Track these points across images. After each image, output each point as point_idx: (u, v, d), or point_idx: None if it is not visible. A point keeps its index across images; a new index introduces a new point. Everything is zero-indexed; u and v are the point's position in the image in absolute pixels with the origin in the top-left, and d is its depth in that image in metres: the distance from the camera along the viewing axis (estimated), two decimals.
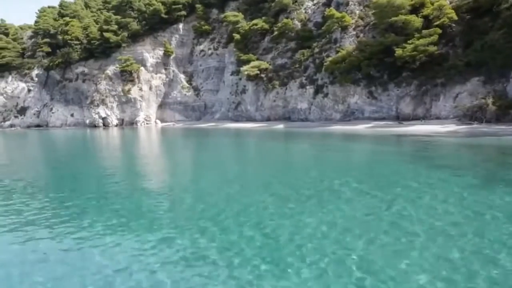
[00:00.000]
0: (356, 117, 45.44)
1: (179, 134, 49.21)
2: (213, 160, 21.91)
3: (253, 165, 19.81)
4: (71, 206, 11.34)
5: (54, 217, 10.22)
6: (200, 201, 11.55)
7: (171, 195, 12.72)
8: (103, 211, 10.79)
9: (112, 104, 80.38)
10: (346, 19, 48.10)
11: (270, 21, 64.68)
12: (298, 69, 53.63)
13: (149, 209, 10.76)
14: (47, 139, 47.86)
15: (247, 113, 63.00)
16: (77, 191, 13.43)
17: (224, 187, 13.45)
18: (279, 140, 33.84)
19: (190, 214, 10.30)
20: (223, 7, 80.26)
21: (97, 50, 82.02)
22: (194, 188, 14.03)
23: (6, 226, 9.58)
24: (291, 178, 15.06)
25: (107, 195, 12.71)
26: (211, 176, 15.87)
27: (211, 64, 76.49)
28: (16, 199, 12.47)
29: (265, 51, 63.77)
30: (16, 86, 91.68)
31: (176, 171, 18.66)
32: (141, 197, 12.21)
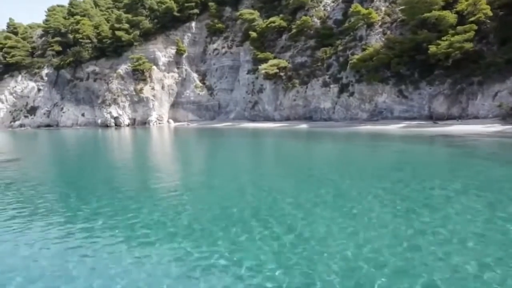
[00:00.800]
0: (384, 117, 43.43)
1: (196, 134, 47.12)
2: (243, 163, 19.87)
3: (296, 170, 17.61)
4: (100, 209, 9.58)
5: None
6: (239, 211, 9.69)
7: (202, 202, 10.99)
8: (129, 214, 10.05)
9: (124, 103, 78.35)
10: (372, 15, 46.04)
11: (288, 19, 62.65)
12: (320, 67, 51.59)
13: (184, 216, 9.12)
14: (60, 139, 45.83)
15: (264, 113, 60.97)
16: (106, 194, 11.64)
17: (263, 194, 11.56)
18: (312, 141, 31.76)
19: (231, 234, 8.41)
20: (236, 5, 78.14)
21: (109, 49, 79.98)
22: (232, 198, 11.91)
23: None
24: (367, 186, 12.98)
25: (133, 198, 11.79)
26: (243, 180, 13.98)
27: (225, 63, 74.40)
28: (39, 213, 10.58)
29: (283, 49, 61.72)
30: (25, 85, 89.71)
31: (204, 176, 16.54)
32: (169, 202, 10.63)
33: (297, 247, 7.34)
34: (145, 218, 9.59)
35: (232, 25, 77.42)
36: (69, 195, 12.33)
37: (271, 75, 58.66)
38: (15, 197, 12.42)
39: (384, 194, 11.35)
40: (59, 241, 8.16)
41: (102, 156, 26.23)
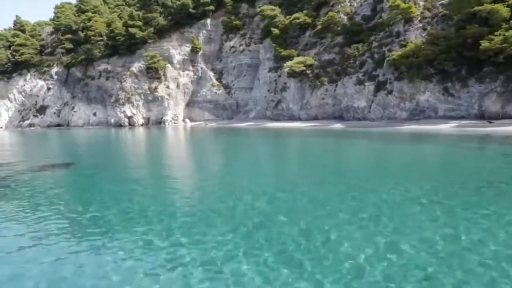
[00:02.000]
0: (426, 116, 40.45)
1: (219, 135, 43.67)
2: (285, 169, 16.63)
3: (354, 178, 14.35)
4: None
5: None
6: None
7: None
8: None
9: (138, 102, 74.91)
10: (412, 10, 43.01)
11: (312, 15, 59.54)
12: (352, 64, 48.52)
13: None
14: (85, 139, 42.38)
15: (289, 112, 57.86)
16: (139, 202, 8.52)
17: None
18: (358, 141, 28.52)
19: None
20: (253, 2, 74.90)
21: (122, 47, 76.42)
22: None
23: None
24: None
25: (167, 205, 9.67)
26: (294, 192, 10.94)
27: (243, 60, 71.12)
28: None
29: (308, 46, 58.60)
30: (35, 84, 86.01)
31: (243, 185, 13.19)
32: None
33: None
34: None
35: (249, 22, 74.19)
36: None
37: (296, 73, 55.56)
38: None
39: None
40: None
41: (137, 159, 22.90)
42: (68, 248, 7.23)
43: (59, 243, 7.52)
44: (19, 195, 11.55)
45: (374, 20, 52.86)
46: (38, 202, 10.67)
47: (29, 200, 10.93)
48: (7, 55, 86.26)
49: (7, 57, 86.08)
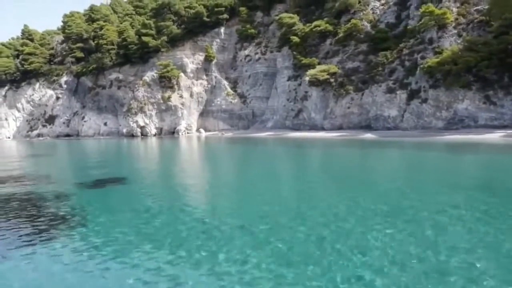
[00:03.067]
0: (465, 125, 38.15)
1: (239, 145, 40.84)
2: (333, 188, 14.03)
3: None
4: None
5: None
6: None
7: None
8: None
9: (151, 112, 72.44)
10: (447, 16, 41.04)
11: (333, 23, 57.63)
12: (381, 72, 46.39)
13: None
14: (109, 150, 39.64)
15: (310, 121, 55.52)
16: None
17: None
18: (412, 153, 25.91)
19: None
20: (268, 10, 73.21)
21: (134, 55, 74.21)
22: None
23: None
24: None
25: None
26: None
27: (259, 69, 69.00)
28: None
29: (329, 54, 56.55)
30: (43, 93, 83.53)
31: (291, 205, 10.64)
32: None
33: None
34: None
35: (265, 30, 72.33)
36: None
37: (319, 81, 53.39)
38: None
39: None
40: None
41: (165, 175, 20.15)
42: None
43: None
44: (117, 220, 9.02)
45: (399, 27, 51.05)
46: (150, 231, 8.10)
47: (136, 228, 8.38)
48: (15, 64, 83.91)
49: (16, 66, 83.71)
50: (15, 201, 12.56)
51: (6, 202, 12.44)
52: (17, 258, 7.08)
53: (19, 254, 7.23)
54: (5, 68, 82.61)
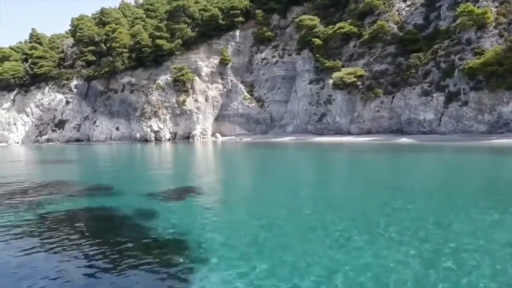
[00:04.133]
0: (510, 129, 35.84)
1: (267, 151, 38.24)
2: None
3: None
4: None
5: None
6: None
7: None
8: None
9: (165, 116, 69.88)
10: (488, 15, 38.88)
11: (357, 24, 55.50)
12: (414, 74, 44.12)
13: None
14: (120, 156, 36.97)
15: (335, 126, 53.13)
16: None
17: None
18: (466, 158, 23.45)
19: None
20: (285, 12, 71.14)
21: (148, 59, 71.74)
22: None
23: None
24: None
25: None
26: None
27: (276, 73, 66.72)
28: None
29: (353, 56, 54.33)
30: (53, 97, 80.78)
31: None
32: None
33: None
34: None
35: (282, 33, 70.20)
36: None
37: (344, 84, 51.12)
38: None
39: None
40: None
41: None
42: None
43: None
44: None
45: (428, 28, 48.96)
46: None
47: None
48: (25, 67, 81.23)
49: (25, 70, 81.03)
50: (97, 219, 9.98)
51: (84, 219, 9.88)
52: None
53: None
54: (14, 72, 79.92)
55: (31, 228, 9.12)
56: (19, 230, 8.92)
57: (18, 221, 9.72)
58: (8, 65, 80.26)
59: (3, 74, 78.50)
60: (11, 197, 13.17)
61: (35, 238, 8.28)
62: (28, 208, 11.22)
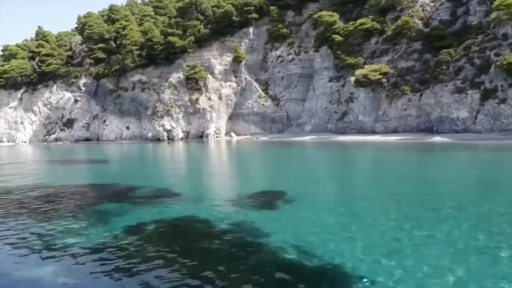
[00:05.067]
0: None
1: (292, 150, 36.32)
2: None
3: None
4: None
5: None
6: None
7: None
8: None
9: (178, 115, 67.67)
10: None
11: (379, 21, 53.52)
12: (445, 71, 42.18)
13: None
14: (153, 155, 34.78)
15: (357, 124, 51.15)
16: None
17: None
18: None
19: None
20: (300, 9, 69.05)
21: (160, 56, 69.45)
22: None
23: None
24: None
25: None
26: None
27: (292, 70, 64.61)
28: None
29: (375, 53, 52.37)
30: (61, 96, 78.45)
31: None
32: None
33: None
34: None
35: (297, 30, 68.08)
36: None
37: (367, 82, 49.18)
38: None
39: None
40: None
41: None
42: None
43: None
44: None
45: (456, 24, 47.05)
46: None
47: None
48: (32, 65, 78.74)
49: (33, 68, 78.55)
50: (194, 235, 7.93)
51: (178, 234, 7.85)
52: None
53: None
54: (21, 70, 77.44)
55: (120, 246, 7.06)
56: (109, 250, 6.86)
57: (103, 239, 7.64)
58: (15, 62, 77.84)
59: (11, 72, 76.07)
60: (79, 208, 11.06)
61: (128, 260, 6.26)
62: (103, 220, 9.14)
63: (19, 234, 8.18)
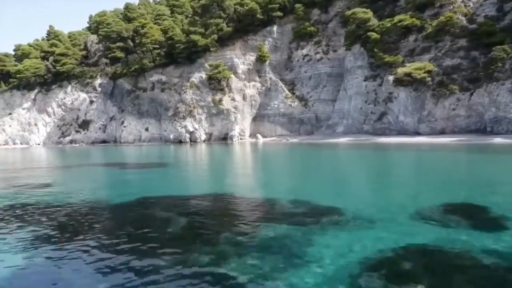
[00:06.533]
0: None
1: (341, 153, 33.47)
2: None
3: None
4: None
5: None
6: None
7: None
8: None
9: (201, 116, 64.50)
10: None
11: (419, 17, 50.72)
12: (500, 69, 39.37)
13: None
14: (210, 159, 31.43)
15: (398, 125, 48.23)
16: None
17: None
18: None
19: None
20: (326, 7, 66.15)
21: (181, 55, 66.29)
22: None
23: None
24: None
25: None
26: None
27: (321, 70, 61.66)
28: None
29: (415, 51, 49.50)
30: (76, 97, 75.13)
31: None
32: None
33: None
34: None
35: (323, 28, 65.17)
36: None
37: (408, 81, 46.36)
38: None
39: None
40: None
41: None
42: None
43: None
44: None
45: (504, 20, 44.29)
46: None
47: None
48: (46, 65, 75.36)
49: (47, 68, 75.17)
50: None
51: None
52: None
53: None
54: (35, 70, 74.07)
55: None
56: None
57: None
58: (28, 62, 74.47)
59: (24, 72, 72.65)
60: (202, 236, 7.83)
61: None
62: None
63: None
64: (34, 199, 12.55)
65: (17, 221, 9.41)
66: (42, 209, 10.74)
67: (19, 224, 9.08)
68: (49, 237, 7.86)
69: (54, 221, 9.19)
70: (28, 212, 10.38)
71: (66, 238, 7.77)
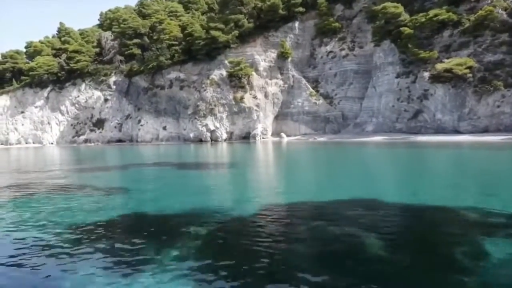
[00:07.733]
0: None
1: (398, 153, 31.13)
2: None
3: None
4: None
5: None
6: None
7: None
8: None
9: (222, 114, 62.03)
10: None
11: (455, 11, 48.45)
12: None
13: None
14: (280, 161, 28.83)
15: (435, 123, 45.97)
16: None
17: None
18: None
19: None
20: (350, 2, 63.78)
21: (201, 52, 63.77)
22: None
23: None
24: None
25: None
26: None
27: (347, 67, 59.32)
28: None
29: (451, 47, 47.29)
30: (90, 95, 72.45)
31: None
32: None
33: None
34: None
35: (347, 24, 62.81)
36: None
37: (446, 77, 44.14)
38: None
39: None
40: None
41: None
42: None
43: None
44: None
45: None
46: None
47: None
48: (59, 62, 72.57)
49: (60, 65, 72.39)
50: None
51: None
52: None
53: None
54: (48, 67, 71.29)
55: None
56: None
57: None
58: (41, 59, 71.71)
59: (38, 70, 69.86)
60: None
61: None
62: None
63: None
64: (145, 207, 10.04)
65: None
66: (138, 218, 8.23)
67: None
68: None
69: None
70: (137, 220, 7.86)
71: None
